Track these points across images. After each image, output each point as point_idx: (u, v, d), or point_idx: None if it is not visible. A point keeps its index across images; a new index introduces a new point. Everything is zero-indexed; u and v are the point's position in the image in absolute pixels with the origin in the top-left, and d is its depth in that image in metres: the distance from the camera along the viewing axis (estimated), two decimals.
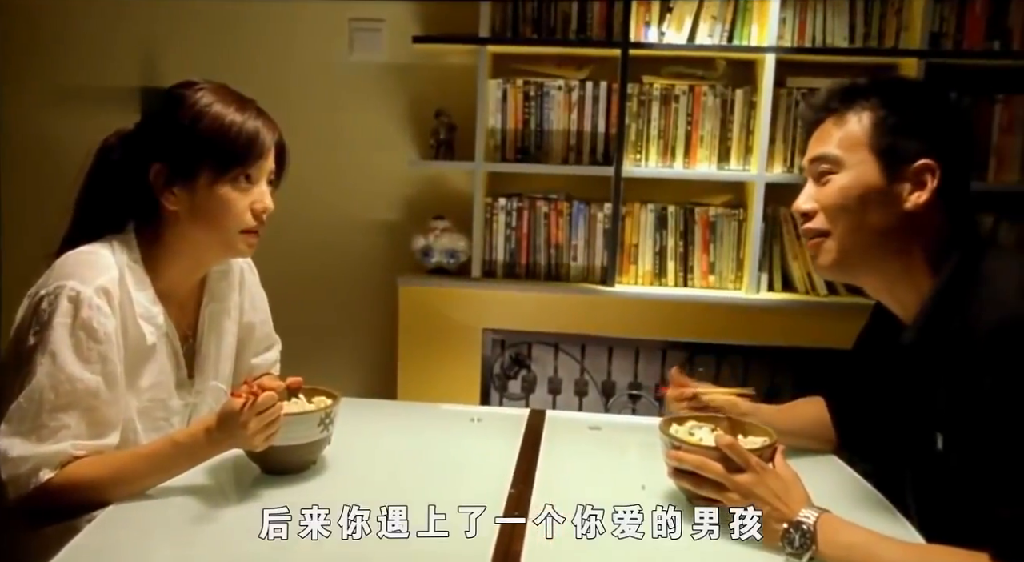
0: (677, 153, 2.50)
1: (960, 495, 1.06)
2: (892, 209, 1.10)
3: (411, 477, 1.28)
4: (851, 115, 1.13)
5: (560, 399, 2.61)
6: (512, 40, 2.48)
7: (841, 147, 1.13)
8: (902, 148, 1.10)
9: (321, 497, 1.17)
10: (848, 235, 1.13)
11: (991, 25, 2.37)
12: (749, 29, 2.41)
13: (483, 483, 1.25)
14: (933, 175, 1.09)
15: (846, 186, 1.12)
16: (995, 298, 1.01)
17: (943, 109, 1.14)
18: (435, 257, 2.53)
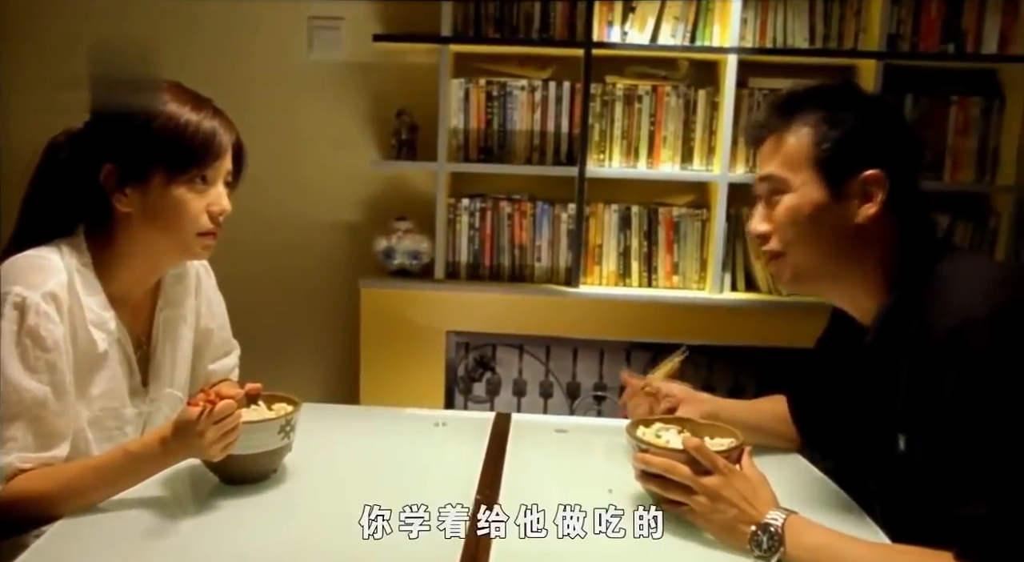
0: (640, 153, 2.50)
1: (922, 495, 1.06)
2: (843, 224, 1.10)
3: (375, 484, 1.25)
4: (790, 133, 1.12)
5: (525, 401, 2.59)
6: (474, 39, 2.46)
7: (784, 167, 1.12)
8: (845, 163, 1.09)
9: (282, 506, 1.15)
10: (802, 254, 1.13)
11: (946, 28, 2.40)
12: (711, 30, 2.42)
13: (449, 489, 1.22)
14: (880, 186, 1.08)
15: (794, 207, 1.11)
16: (954, 300, 1.01)
17: (884, 117, 1.13)
18: (397, 259, 2.50)
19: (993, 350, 0.95)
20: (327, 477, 1.27)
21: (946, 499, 0.97)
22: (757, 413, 1.41)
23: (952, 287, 1.03)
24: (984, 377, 0.95)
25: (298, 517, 1.13)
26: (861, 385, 1.21)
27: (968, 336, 0.96)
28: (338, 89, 2.63)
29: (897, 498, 1.14)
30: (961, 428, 0.96)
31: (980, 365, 0.95)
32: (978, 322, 0.96)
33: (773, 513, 1.03)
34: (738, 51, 2.37)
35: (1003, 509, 0.92)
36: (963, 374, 0.96)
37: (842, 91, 1.17)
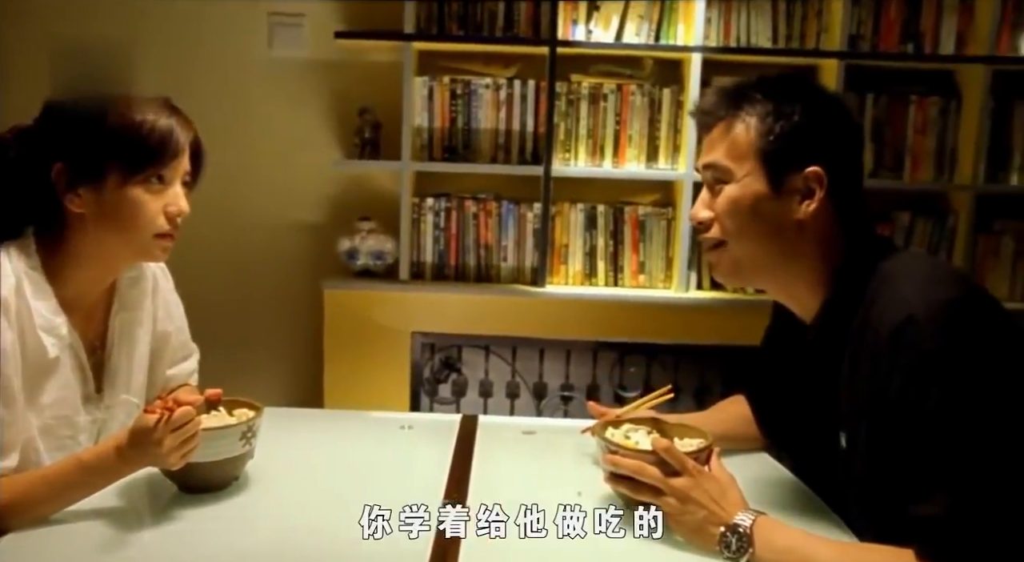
0: (606, 152, 2.49)
1: (865, 494, 1.07)
2: (783, 219, 1.10)
3: (340, 489, 1.23)
4: (738, 123, 1.11)
5: (492, 402, 2.57)
6: (438, 37, 2.44)
7: (729, 157, 1.11)
8: (788, 158, 1.08)
9: (244, 514, 1.12)
10: (741, 245, 1.12)
11: (905, 29, 2.44)
12: (675, 29, 2.43)
13: (415, 493, 1.20)
14: (821, 184, 1.08)
15: (736, 197, 1.11)
16: (896, 298, 1.01)
17: (832, 114, 1.12)
18: (361, 259, 2.47)
19: (936, 348, 0.95)
20: (291, 483, 1.24)
21: (900, 498, 0.97)
22: (720, 420, 1.40)
23: (894, 285, 1.03)
24: (929, 375, 0.95)
25: (261, 525, 1.10)
26: (805, 382, 1.21)
27: (911, 334, 0.96)
28: (300, 87, 2.58)
29: (843, 496, 1.14)
30: (910, 427, 0.96)
31: (924, 363, 0.95)
32: (920, 320, 0.96)
33: (742, 514, 1.02)
34: (702, 50, 2.37)
35: (960, 506, 0.92)
36: (908, 373, 0.96)
37: (793, 84, 1.15)
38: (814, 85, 1.19)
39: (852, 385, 1.07)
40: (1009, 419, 0.94)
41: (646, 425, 1.23)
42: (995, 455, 0.93)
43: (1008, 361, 0.98)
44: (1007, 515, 0.92)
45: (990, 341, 0.98)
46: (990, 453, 0.93)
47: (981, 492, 0.92)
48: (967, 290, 1.03)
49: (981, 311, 1.00)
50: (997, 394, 0.95)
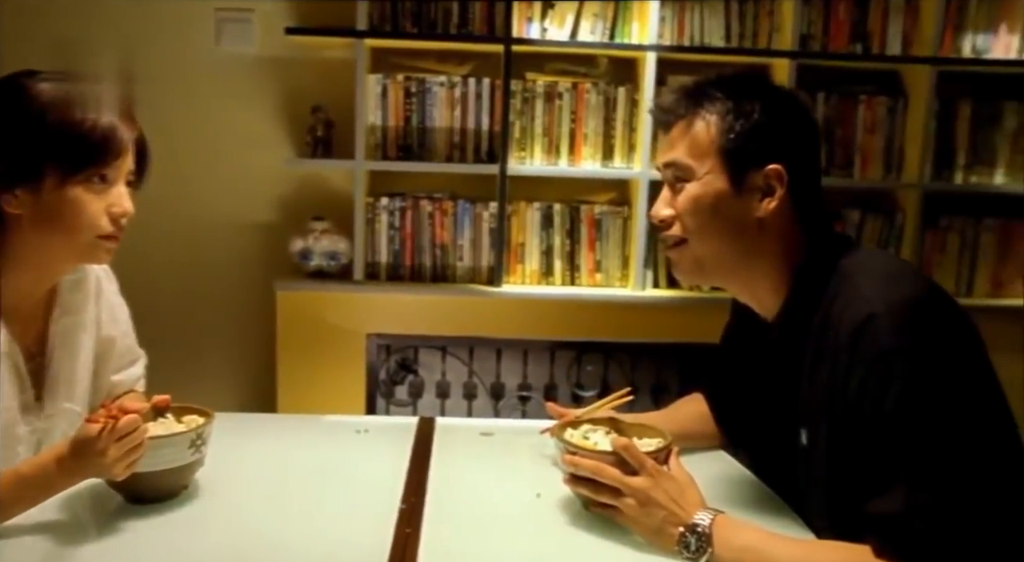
0: (562, 151, 2.49)
1: (826, 490, 1.07)
2: (743, 217, 1.10)
3: (293, 496, 1.20)
4: (699, 121, 1.11)
5: (449, 403, 2.54)
6: (391, 34, 2.41)
7: (690, 155, 1.11)
8: (749, 155, 1.09)
9: (194, 525, 1.09)
10: (703, 243, 1.12)
11: (854, 29, 2.48)
12: (630, 27, 2.43)
13: (372, 499, 1.19)
14: (781, 181, 1.08)
15: (697, 195, 1.11)
16: (857, 295, 1.02)
17: (791, 113, 1.12)
18: (315, 260, 2.43)
19: (896, 345, 0.96)
20: (243, 491, 1.20)
21: (858, 494, 0.98)
22: (678, 419, 1.40)
23: (854, 282, 1.04)
24: (889, 372, 0.95)
25: (212, 535, 1.07)
26: (765, 380, 1.22)
27: (871, 331, 0.97)
28: (249, 84, 2.53)
29: (802, 494, 1.15)
30: (869, 423, 0.97)
31: (884, 360, 0.96)
32: (880, 317, 0.97)
33: (700, 514, 1.02)
34: (656, 49, 2.38)
35: (917, 502, 0.93)
36: (868, 369, 0.97)
37: (752, 82, 1.15)
38: (773, 83, 1.19)
39: (813, 382, 1.07)
40: (966, 417, 0.95)
41: (604, 425, 1.22)
42: (952, 452, 0.93)
43: (965, 359, 1.00)
44: (963, 511, 0.93)
45: (948, 339, 1.00)
46: (948, 450, 0.93)
47: (938, 488, 0.93)
48: (926, 288, 1.04)
49: (939, 309, 1.02)
50: (955, 391, 0.96)
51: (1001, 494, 0.97)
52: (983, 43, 2.51)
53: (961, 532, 0.92)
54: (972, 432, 0.95)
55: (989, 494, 0.95)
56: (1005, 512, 0.97)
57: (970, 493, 0.93)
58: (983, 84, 2.56)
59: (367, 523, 1.11)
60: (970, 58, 2.50)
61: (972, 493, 0.93)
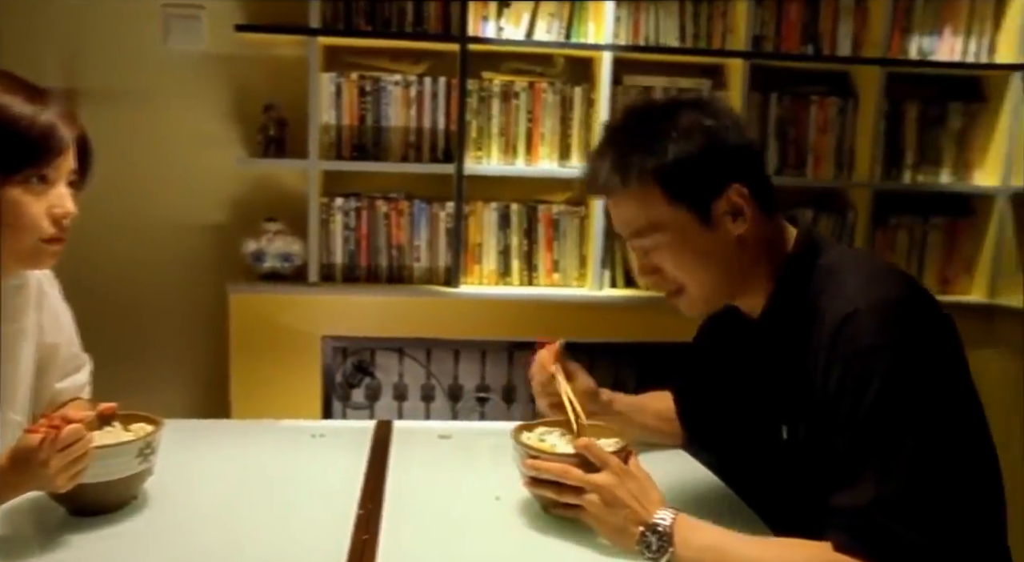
0: (519, 150, 2.48)
1: (804, 485, 1.08)
2: (726, 243, 1.10)
3: (248, 505, 1.17)
4: (634, 184, 1.08)
5: (406, 406, 2.52)
6: (345, 32, 2.37)
7: (647, 218, 1.09)
8: (701, 190, 1.08)
9: (143, 536, 1.05)
10: (701, 284, 1.12)
11: (805, 30, 2.51)
12: (586, 27, 2.43)
13: (328, 505, 1.16)
14: (744, 197, 1.08)
15: (674, 246, 1.10)
16: (841, 292, 1.03)
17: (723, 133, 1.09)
18: (268, 262, 2.38)
19: (878, 342, 0.97)
20: (194, 500, 1.17)
21: (825, 489, 0.99)
22: (646, 413, 1.41)
23: (839, 280, 1.05)
24: (870, 368, 0.97)
25: (162, 547, 1.04)
26: (744, 376, 1.22)
27: (854, 328, 0.98)
28: (199, 82, 2.47)
29: (781, 489, 1.16)
30: (846, 418, 0.98)
31: (866, 356, 0.97)
32: (864, 315, 0.98)
33: (661, 513, 1.02)
34: (612, 48, 2.38)
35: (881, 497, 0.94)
36: (849, 365, 0.98)
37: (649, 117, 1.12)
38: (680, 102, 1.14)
39: (797, 377, 1.08)
40: (941, 416, 0.97)
41: (560, 427, 1.22)
42: (924, 450, 0.94)
43: (943, 358, 1.01)
44: (928, 509, 0.93)
45: (928, 338, 1.01)
46: (919, 447, 0.94)
47: (906, 484, 0.94)
48: (909, 288, 1.05)
49: (921, 309, 1.03)
50: (932, 391, 0.97)
51: (968, 494, 0.99)
52: (929, 45, 2.56)
53: (924, 529, 0.93)
54: (945, 431, 0.97)
55: (956, 494, 0.96)
56: (970, 511, 0.99)
57: (937, 492, 0.94)
58: (929, 85, 2.62)
59: (323, 530, 1.08)
60: (917, 60, 2.55)
61: (939, 492, 0.94)
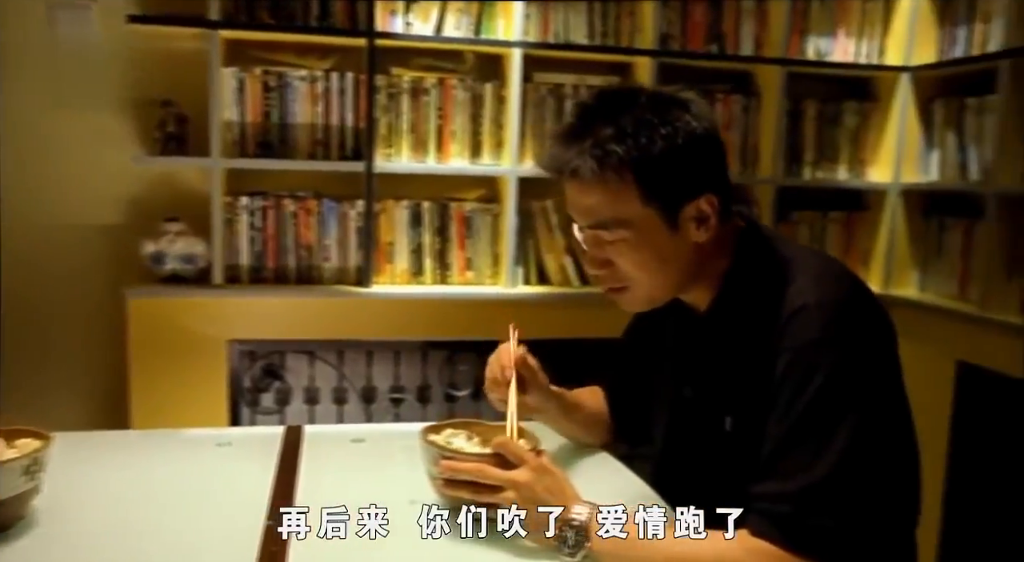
0: (429, 147, 2.45)
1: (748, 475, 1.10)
2: (685, 247, 1.09)
3: (147, 520, 1.11)
4: (611, 174, 1.03)
5: (318, 409, 2.46)
6: (247, 25, 2.29)
7: (614, 212, 1.05)
8: (676, 191, 1.06)
9: (33, 559, 0.98)
10: (650, 284, 1.11)
11: (709, 30, 2.57)
12: (495, 23, 2.42)
13: (235, 517, 1.11)
14: (712, 206, 1.07)
15: (634, 246, 1.07)
16: (790, 288, 1.05)
17: (697, 138, 1.05)
18: (169, 264, 2.28)
19: (825, 336, 1.00)
20: (89, 518, 1.10)
21: (754, 475, 1.01)
22: (583, 408, 1.40)
23: (789, 277, 1.06)
24: (815, 361, 0.99)
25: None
26: (685, 368, 1.23)
27: (801, 322, 1.01)
28: (90, 76, 2.34)
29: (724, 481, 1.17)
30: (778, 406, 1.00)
31: (812, 349, 0.99)
32: (813, 310, 1.01)
33: (578, 508, 1.02)
34: (522, 45, 2.38)
35: (805, 485, 0.96)
36: (794, 357, 1.00)
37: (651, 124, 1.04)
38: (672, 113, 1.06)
39: (743, 369, 1.09)
40: (876, 414, 0.99)
41: (465, 430, 1.21)
42: (854, 444, 0.97)
43: (884, 358, 1.05)
44: (850, 501, 0.96)
45: (873, 337, 1.04)
46: (852, 441, 0.96)
47: (833, 477, 0.96)
48: (855, 287, 1.08)
49: (865, 307, 1.06)
50: (871, 388, 1.00)
51: (889, 488, 1.02)
52: (825, 46, 2.66)
53: (841, 518, 0.95)
54: (877, 428, 0.99)
55: (877, 487, 0.99)
56: (888, 505, 1.02)
57: (860, 484, 0.97)
58: (826, 85, 2.72)
59: (229, 544, 1.04)
60: (814, 60, 2.64)
61: (862, 484, 0.97)
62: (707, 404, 1.18)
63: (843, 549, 0.95)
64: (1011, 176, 2.28)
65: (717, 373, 1.16)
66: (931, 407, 2.41)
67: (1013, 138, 2.28)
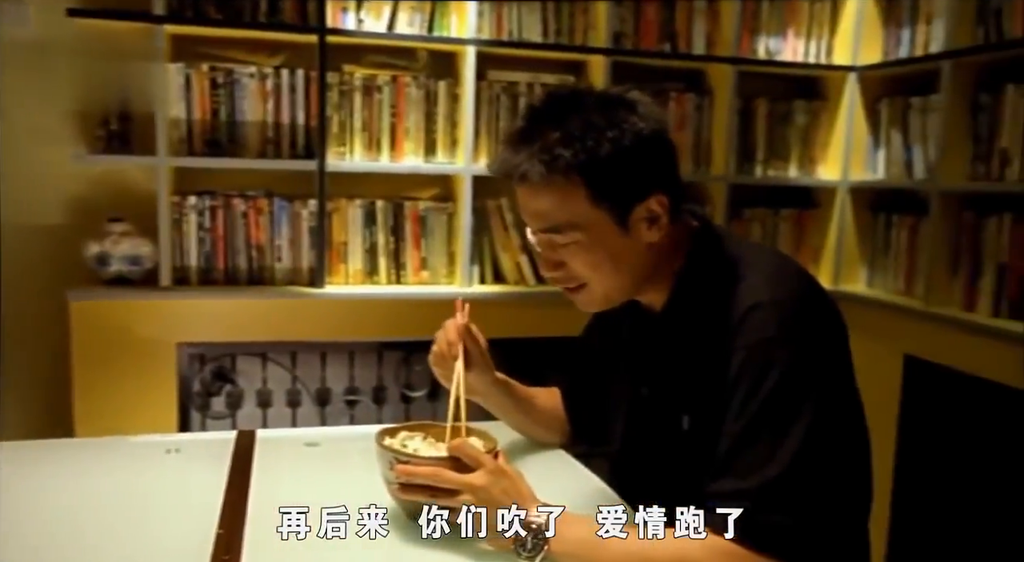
0: (383, 146, 2.42)
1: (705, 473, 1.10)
2: (638, 248, 1.09)
3: (93, 532, 1.07)
4: (559, 178, 1.03)
5: (271, 413, 2.42)
6: (194, 20, 2.24)
7: (566, 215, 1.05)
8: (625, 192, 1.06)
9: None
10: (606, 282, 1.10)
11: (662, 29, 2.58)
12: (448, 20, 2.40)
13: (185, 526, 1.08)
14: (663, 206, 1.07)
15: (586, 247, 1.07)
16: (745, 286, 1.05)
17: (646, 139, 1.05)
18: (114, 265, 2.21)
19: (779, 334, 1.00)
20: (33, 531, 1.06)
21: (711, 474, 1.01)
22: (537, 406, 1.40)
23: (742, 275, 1.07)
24: (770, 358, 0.99)
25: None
26: (642, 368, 1.22)
27: (756, 320, 1.01)
28: (28, 71, 2.26)
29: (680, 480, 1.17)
30: (734, 404, 1.01)
31: (768, 347, 1.00)
32: (767, 307, 1.01)
33: (536, 510, 1.01)
34: (476, 43, 2.37)
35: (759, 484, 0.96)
36: (749, 354, 1.01)
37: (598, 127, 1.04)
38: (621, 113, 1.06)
39: (698, 368, 1.09)
40: (829, 411, 1.00)
41: (420, 432, 1.19)
42: (810, 442, 0.97)
43: (837, 355, 1.06)
44: (810, 498, 0.97)
45: (827, 335, 1.05)
46: (806, 440, 0.97)
47: (790, 474, 0.96)
48: (808, 285, 1.09)
49: (819, 305, 1.07)
50: (827, 386, 1.01)
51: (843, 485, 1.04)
52: (775, 46, 2.69)
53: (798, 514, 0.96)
54: (831, 425, 1.00)
55: (833, 484, 1.00)
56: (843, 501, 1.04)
57: (815, 481, 0.98)
58: (777, 84, 2.76)
59: (179, 555, 1.01)
60: (764, 59, 2.67)
61: (817, 481, 0.98)
62: (664, 403, 1.18)
63: (802, 545, 0.96)
64: (954, 174, 2.34)
65: (673, 372, 1.16)
66: (880, 400, 2.47)
67: (956, 137, 2.34)
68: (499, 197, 2.49)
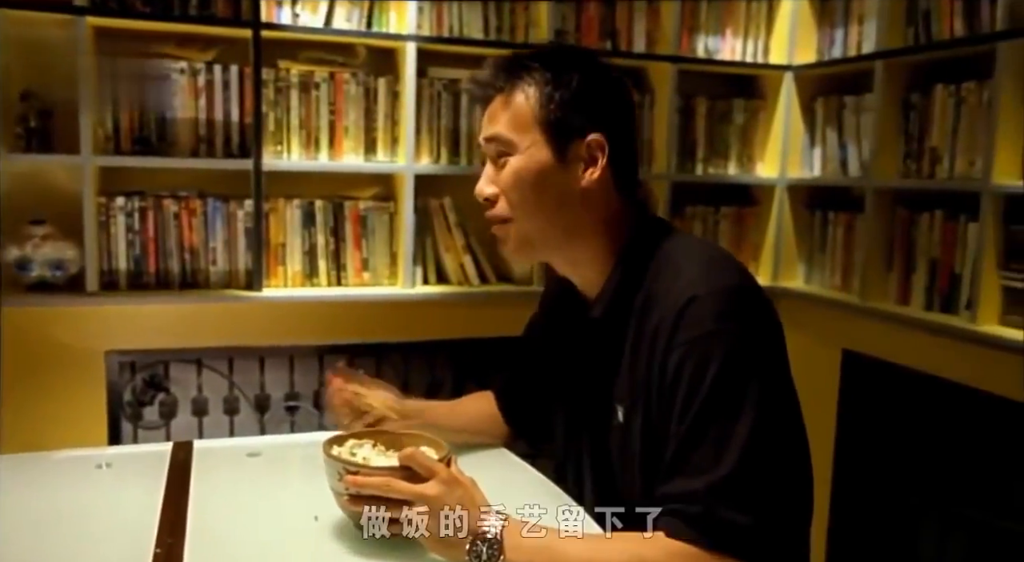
0: (321, 144, 2.35)
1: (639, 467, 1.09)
2: (567, 189, 1.11)
3: (18, 555, 1.00)
4: (518, 94, 1.10)
5: (207, 421, 2.34)
6: (118, 12, 2.13)
7: (511, 128, 1.10)
8: (571, 124, 1.09)
9: None
10: (528, 219, 1.12)
11: (603, 26, 2.58)
12: (388, 16, 2.35)
13: (119, 546, 1.02)
14: (603, 151, 1.10)
15: (520, 168, 1.10)
16: (680, 278, 1.05)
17: (608, 83, 1.13)
18: (36, 270, 2.10)
19: (717, 328, 1.00)
20: None
21: (662, 473, 1.00)
22: (465, 416, 1.39)
23: (678, 266, 1.07)
24: (709, 351, 0.99)
25: None
26: (578, 360, 1.22)
27: (693, 313, 1.00)
28: None
29: (614, 472, 1.16)
30: (676, 403, 1.00)
31: (705, 341, 0.99)
32: (704, 300, 1.01)
33: (490, 520, 0.98)
34: (416, 39, 2.32)
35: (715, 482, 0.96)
36: (688, 349, 1.00)
37: (569, 54, 1.16)
38: (590, 54, 1.18)
39: (634, 360, 1.08)
40: (770, 403, 1.00)
41: (368, 438, 1.15)
42: (755, 436, 0.97)
43: (774, 347, 1.05)
44: (758, 494, 0.96)
45: (763, 326, 1.05)
46: (751, 434, 0.97)
47: (739, 469, 0.96)
48: (743, 276, 1.08)
49: (754, 297, 1.06)
50: (766, 378, 1.01)
51: (789, 478, 1.03)
52: (714, 45, 2.71)
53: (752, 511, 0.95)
54: (773, 417, 1.00)
55: (780, 478, 1.00)
56: (790, 495, 1.03)
57: (764, 475, 0.97)
58: (716, 83, 2.78)
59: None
60: (704, 58, 2.69)
61: (766, 475, 0.97)
62: (600, 398, 1.17)
63: (754, 542, 0.95)
64: (887, 172, 2.39)
65: (606, 363, 1.15)
66: (820, 394, 2.51)
67: (888, 136, 2.39)
68: (442, 196, 2.45)
